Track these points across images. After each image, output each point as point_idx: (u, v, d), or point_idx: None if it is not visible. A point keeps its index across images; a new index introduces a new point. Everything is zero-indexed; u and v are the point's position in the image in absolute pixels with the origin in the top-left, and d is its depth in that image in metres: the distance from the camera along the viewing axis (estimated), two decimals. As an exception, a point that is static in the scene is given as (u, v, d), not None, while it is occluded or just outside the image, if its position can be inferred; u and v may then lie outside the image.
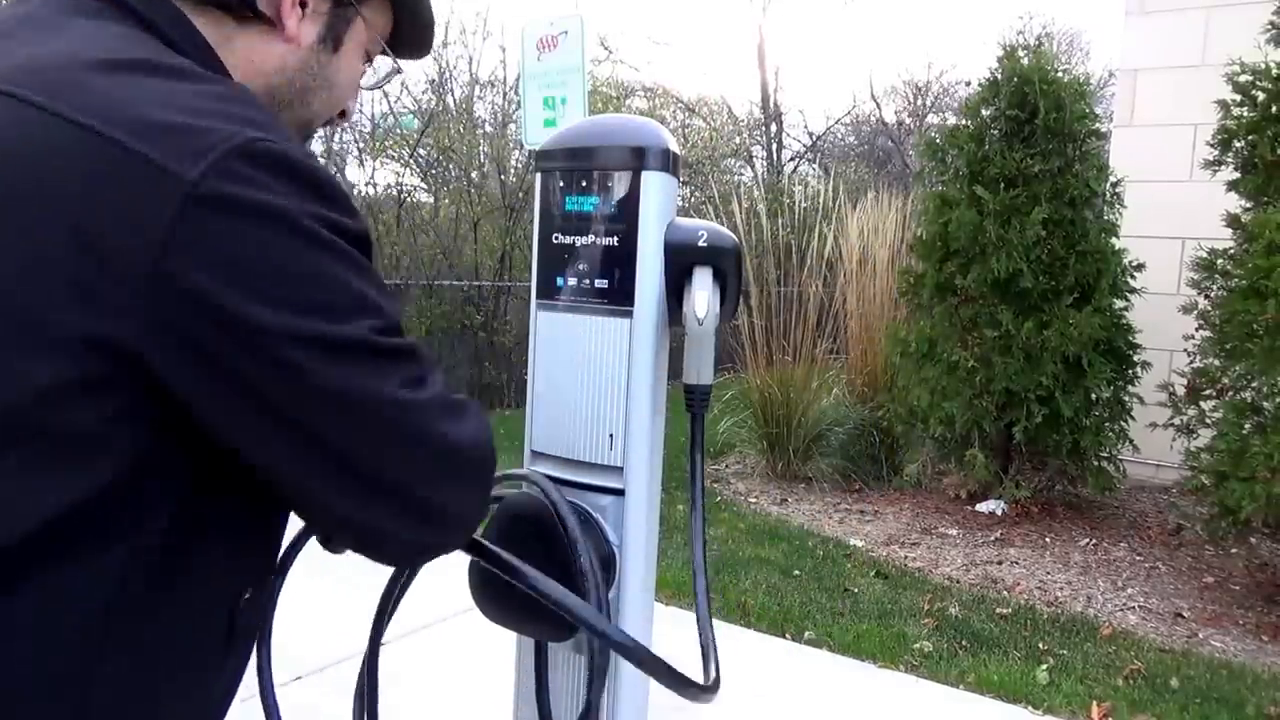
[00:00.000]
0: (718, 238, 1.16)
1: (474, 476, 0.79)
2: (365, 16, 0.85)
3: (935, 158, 4.99)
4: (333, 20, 0.83)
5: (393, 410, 0.69)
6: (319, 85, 0.84)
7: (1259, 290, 3.57)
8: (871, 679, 3.06)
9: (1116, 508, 5.04)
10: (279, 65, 0.81)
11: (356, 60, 0.87)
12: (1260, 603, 3.77)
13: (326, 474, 0.69)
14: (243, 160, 0.62)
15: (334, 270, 0.66)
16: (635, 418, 1.18)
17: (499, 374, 9.32)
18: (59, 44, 0.67)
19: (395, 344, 0.69)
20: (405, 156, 9.65)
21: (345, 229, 0.67)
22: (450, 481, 0.76)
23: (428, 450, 0.72)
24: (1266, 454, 3.43)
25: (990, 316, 4.59)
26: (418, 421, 0.71)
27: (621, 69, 12.80)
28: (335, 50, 0.84)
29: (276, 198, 0.63)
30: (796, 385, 5.50)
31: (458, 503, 0.78)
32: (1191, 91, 5.33)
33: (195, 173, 0.60)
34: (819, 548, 4.35)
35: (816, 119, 21.65)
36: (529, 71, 4.97)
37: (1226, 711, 2.86)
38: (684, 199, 10.44)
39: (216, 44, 0.76)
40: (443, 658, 2.98)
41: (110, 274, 0.59)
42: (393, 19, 0.89)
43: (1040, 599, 3.79)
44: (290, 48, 0.81)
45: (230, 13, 0.77)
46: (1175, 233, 5.48)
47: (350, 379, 0.66)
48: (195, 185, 0.60)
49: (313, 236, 0.64)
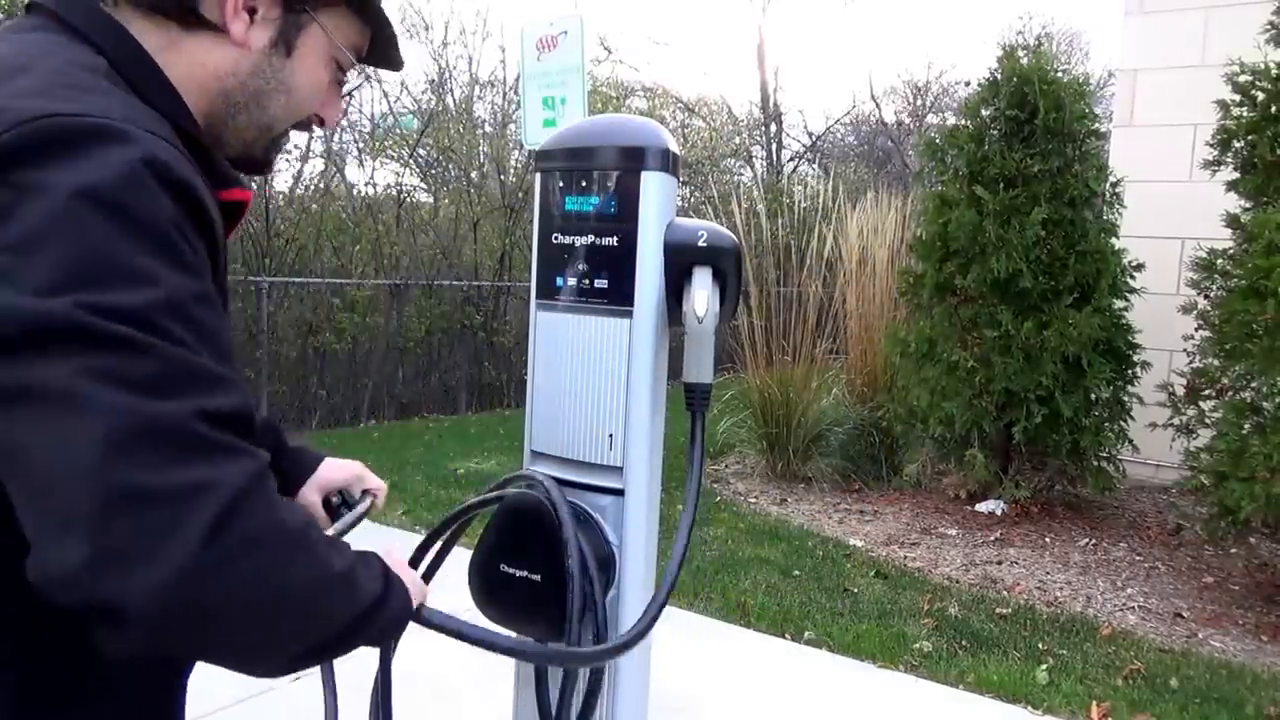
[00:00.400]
0: (717, 238, 1.16)
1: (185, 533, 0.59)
2: (323, 24, 0.87)
3: (935, 158, 4.99)
4: (284, 26, 0.85)
5: (56, 397, 0.59)
6: (274, 89, 0.86)
7: (1258, 290, 3.57)
8: (871, 679, 3.06)
9: (1116, 508, 5.04)
10: (230, 69, 0.83)
11: (318, 67, 0.89)
12: (1260, 603, 3.77)
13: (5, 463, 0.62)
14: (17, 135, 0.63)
15: (56, 236, 0.61)
16: (635, 418, 1.18)
17: (499, 374, 9.32)
18: None
19: (109, 328, 0.60)
20: (405, 156, 9.65)
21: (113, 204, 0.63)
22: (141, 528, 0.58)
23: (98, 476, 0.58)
24: (1266, 454, 3.43)
25: (990, 316, 4.59)
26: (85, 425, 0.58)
27: (621, 69, 12.83)
28: (289, 55, 0.86)
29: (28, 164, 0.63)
30: (796, 385, 5.50)
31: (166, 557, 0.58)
32: (1191, 91, 5.33)
33: None
34: (819, 548, 4.35)
35: (816, 119, 21.67)
36: (529, 71, 4.97)
37: (1226, 711, 2.86)
38: (683, 199, 10.44)
39: (161, 49, 0.79)
40: (443, 658, 2.98)
41: None
42: (364, 29, 0.91)
43: (1040, 599, 3.79)
44: (241, 52, 0.83)
45: (175, 20, 0.80)
46: (1175, 233, 5.48)
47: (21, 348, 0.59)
48: None
49: (47, 201, 0.61)
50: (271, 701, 2.63)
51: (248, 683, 0.86)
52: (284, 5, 0.84)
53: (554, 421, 1.23)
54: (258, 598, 0.63)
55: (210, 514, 0.60)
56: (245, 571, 0.62)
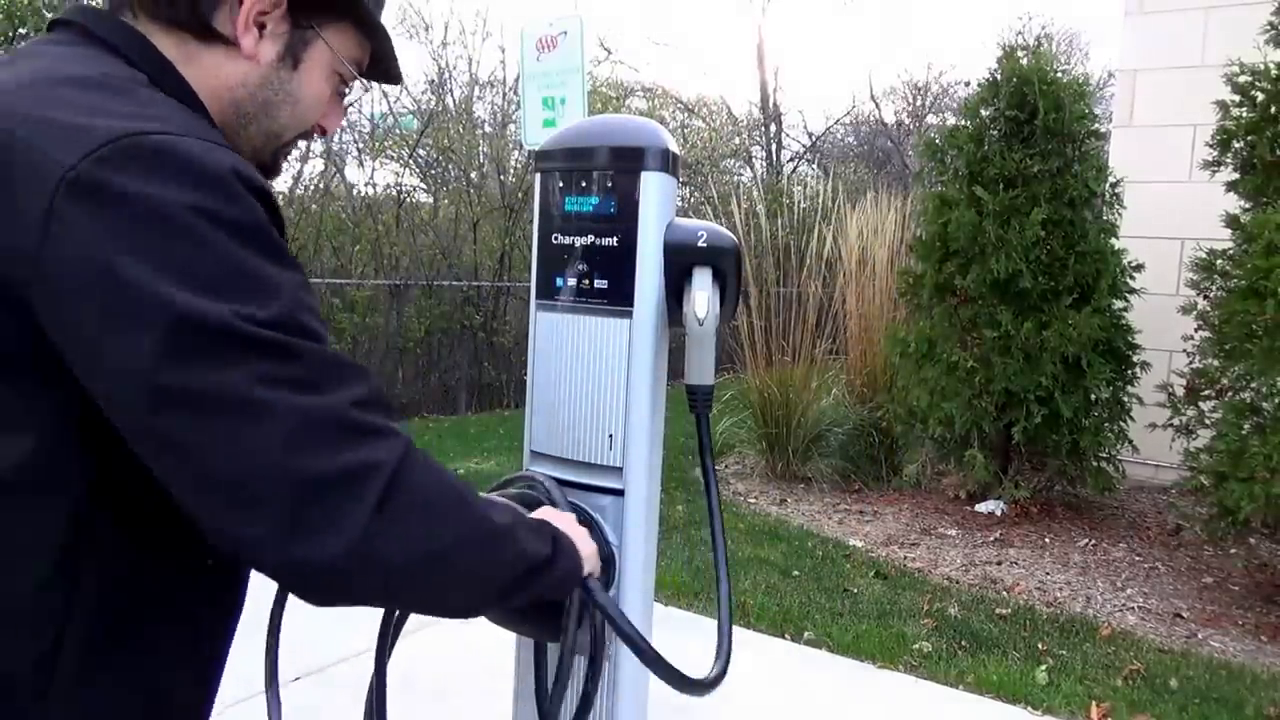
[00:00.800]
0: (717, 238, 1.16)
1: (358, 508, 0.68)
2: (326, 39, 0.92)
3: (935, 158, 4.99)
4: (292, 41, 0.90)
5: (237, 405, 0.66)
6: (282, 99, 0.91)
7: (1258, 291, 3.57)
8: (871, 679, 3.06)
9: (1116, 508, 5.04)
10: (241, 80, 0.88)
11: (322, 79, 0.93)
12: (1259, 603, 3.77)
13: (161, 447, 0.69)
14: (120, 151, 0.68)
15: (197, 254, 0.68)
16: (635, 418, 1.18)
17: (498, 374, 9.32)
18: (28, 67, 0.78)
19: (268, 336, 0.68)
20: (405, 157, 9.65)
21: (227, 218, 0.70)
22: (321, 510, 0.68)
23: (278, 470, 0.67)
24: (1265, 454, 3.43)
25: (989, 317, 4.59)
26: (266, 429, 0.67)
27: (621, 69, 12.83)
28: (295, 68, 0.91)
29: (140, 184, 0.67)
30: (796, 386, 5.50)
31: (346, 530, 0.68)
32: (1191, 92, 5.33)
33: (72, 160, 0.67)
34: (818, 548, 4.35)
35: (816, 119, 21.67)
36: (528, 72, 4.97)
37: (1225, 712, 2.86)
38: (683, 199, 10.44)
39: (180, 61, 0.85)
40: (443, 658, 2.98)
41: (11, 252, 0.67)
42: (364, 43, 0.96)
43: (1039, 599, 3.79)
44: (251, 65, 0.88)
45: (192, 33, 0.85)
46: (1174, 233, 5.48)
47: (191, 362, 0.66)
48: (68, 171, 0.67)
49: (173, 220, 0.68)
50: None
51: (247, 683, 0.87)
52: (291, 21, 0.89)
53: (554, 422, 1.23)
54: (426, 552, 0.73)
55: (378, 487, 0.70)
56: (413, 531, 0.72)
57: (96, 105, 0.72)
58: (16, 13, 5.50)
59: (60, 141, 0.68)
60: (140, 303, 0.66)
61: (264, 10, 0.86)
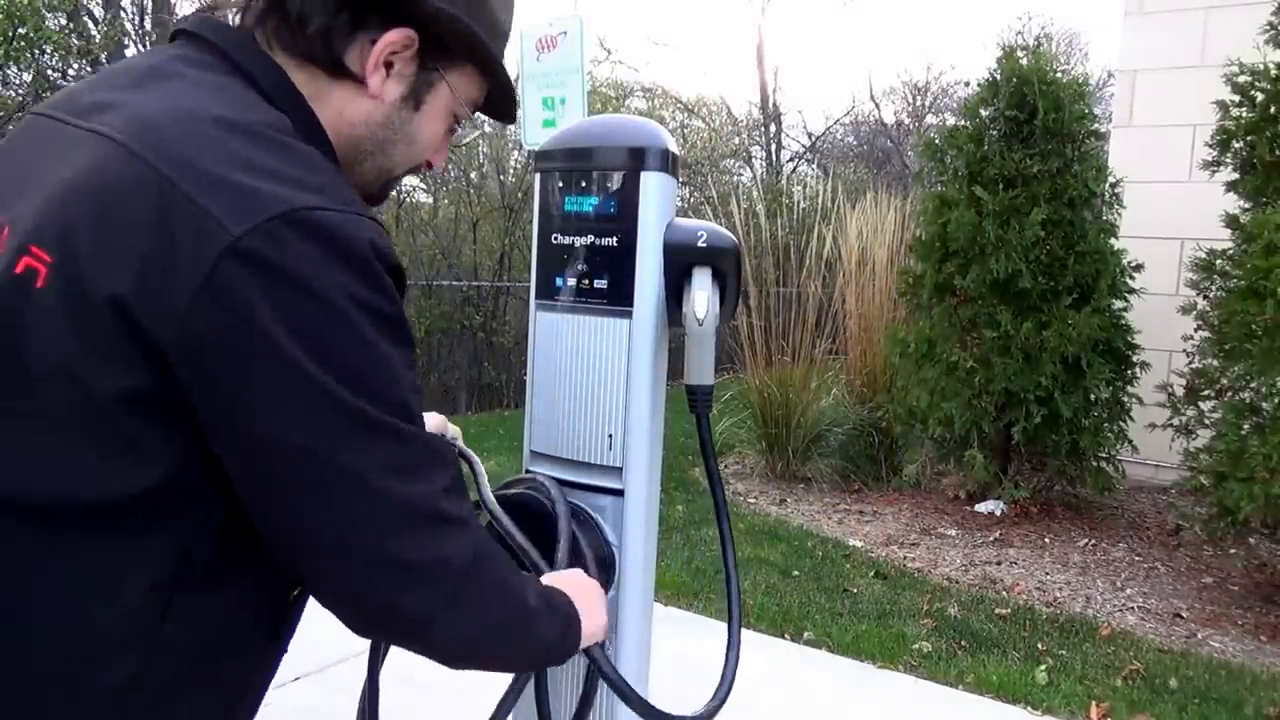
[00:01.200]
0: (717, 238, 1.16)
1: (431, 594, 0.78)
2: (449, 81, 0.92)
3: (934, 158, 4.99)
4: (416, 83, 0.89)
5: (354, 486, 0.73)
6: (399, 139, 0.91)
7: (1257, 291, 3.57)
8: (871, 679, 3.06)
9: (1115, 508, 5.04)
10: (364, 119, 0.88)
11: (439, 120, 0.94)
12: (1259, 603, 3.77)
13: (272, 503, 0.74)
14: (288, 225, 0.70)
15: (352, 340, 0.72)
16: (635, 418, 1.18)
17: (498, 374, 9.32)
18: (170, 94, 0.78)
19: (395, 425, 0.74)
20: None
21: (372, 306, 0.73)
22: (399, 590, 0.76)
23: (374, 551, 0.75)
24: (1265, 454, 3.43)
25: (989, 317, 4.59)
26: (374, 511, 0.74)
27: (621, 69, 12.82)
28: (417, 109, 0.91)
29: (308, 265, 0.70)
30: (795, 386, 5.50)
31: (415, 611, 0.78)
32: (1190, 92, 5.33)
33: (240, 230, 0.69)
34: (818, 548, 4.35)
35: (815, 119, 21.68)
36: (528, 72, 4.97)
37: (1225, 712, 2.86)
38: (683, 200, 10.44)
39: (311, 96, 0.85)
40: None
41: (152, 299, 0.69)
42: (484, 85, 0.96)
43: (1039, 599, 3.79)
44: (375, 104, 0.88)
45: (323, 69, 0.85)
46: (1174, 233, 5.48)
47: (323, 439, 0.71)
48: (237, 240, 0.69)
49: (334, 305, 0.71)
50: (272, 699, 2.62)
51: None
52: (418, 63, 0.89)
53: (553, 422, 1.23)
54: (477, 636, 0.83)
55: (451, 580, 0.78)
56: (472, 618, 0.81)
57: (259, 164, 0.73)
58: (16, 13, 5.49)
59: (228, 206, 0.70)
60: (288, 379, 0.70)
61: (395, 51, 0.86)
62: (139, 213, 0.70)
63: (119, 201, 0.71)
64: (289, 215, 0.70)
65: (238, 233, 0.69)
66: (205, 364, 0.70)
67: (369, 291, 0.73)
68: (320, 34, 0.83)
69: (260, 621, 0.86)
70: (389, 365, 0.75)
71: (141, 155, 0.72)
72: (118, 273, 0.69)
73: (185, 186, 0.70)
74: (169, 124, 0.74)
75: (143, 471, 0.72)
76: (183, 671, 0.78)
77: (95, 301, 0.69)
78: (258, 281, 0.69)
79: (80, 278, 0.70)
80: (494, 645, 0.86)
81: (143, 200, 0.70)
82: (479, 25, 0.90)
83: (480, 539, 0.82)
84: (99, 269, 0.70)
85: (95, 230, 0.71)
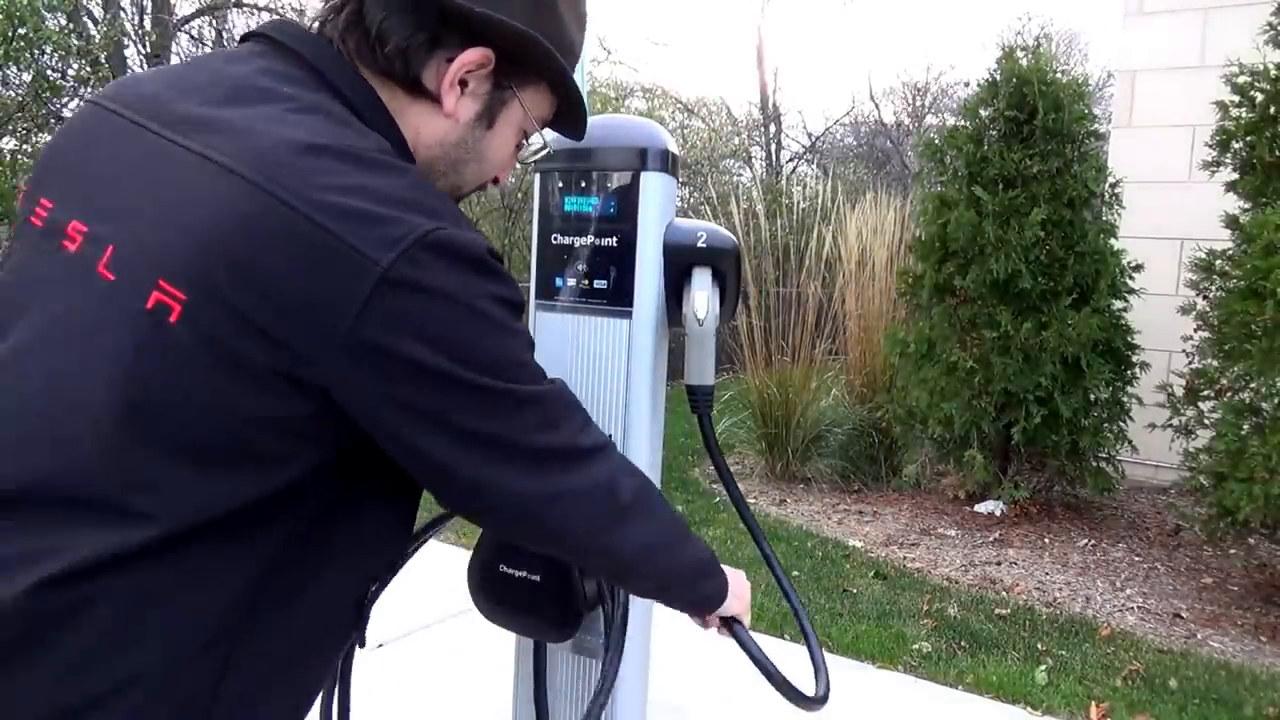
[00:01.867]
0: (717, 238, 1.16)
1: (585, 513, 0.88)
2: (521, 99, 0.92)
3: (934, 158, 4.99)
4: (490, 101, 0.90)
5: (525, 449, 0.83)
6: (471, 158, 0.92)
7: (1257, 291, 3.57)
8: (870, 679, 3.06)
9: (1115, 508, 5.04)
10: (440, 138, 0.89)
11: (510, 137, 0.94)
12: (1258, 603, 3.77)
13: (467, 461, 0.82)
14: (425, 249, 0.74)
15: (493, 336, 0.79)
16: (635, 418, 1.18)
17: (498, 374, 9.32)
18: (281, 124, 0.77)
19: (534, 391, 0.83)
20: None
21: (505, 299, 0.80)
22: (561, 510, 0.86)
23: (541, 487, 0.85)
24: (1265, 455, 3.43)
25: (989, 317, 4.59)
26: (543, 462, 0.84)
27: (620, 69, 12.82)
28: (490, 128, 0.91)
29: (450, 280, 0.76)
30: (795, 386, 5.50)
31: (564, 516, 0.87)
32: (1190, 92, 5.33)
33: (387, 260, 0.72)
34: (818, 548, 4.35)
35: (815, 120, 21.69)
36: (528, 72, 4.96)
37: (1225, 712, 2.86)
38: (682, 200, 10.44)
39: (395, 114, 0.86)
40: (442, 658, 2.98)
41: (305, 331, 0.72)
42: (554, 102, 0.96)
43: (1039, 599, 3.79)
44: (450, 123, 0.88)
45: (402, 86, 0.86)
46: (1174, 233, 5.49)
47: (497, 423, 0.81)
48: (387, 270, 0.72)
49: (476, 310, 0.78)
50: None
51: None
52: (493, 82, 0.89)
53: (553, 422, 1.23)
54: (644, 545, 0.94)
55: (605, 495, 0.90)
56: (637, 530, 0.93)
57: (384, 192, 0.75)
58: (16, 13, 5.49)
59: (369, 237, 0.72)
60: (447, 389, 0.77)
61: (471, 70, 0.86)
62: (279, 252, 0.72)
63: (255, 241, 0.72)
64: (423, 240, 0.74)
65: (386, 263, 0.72)
66: (366, 387, 0.75)
67: (499, 286, 0.79)
68: (399, 52, 0.83)
69: (337, 625, 0.87)
70: (521, 341, 0.83)
71: (270, 190, 0.72)
72: (265, 313, 0.71)
73: (322, 220, 0.72)
74: (288, 156, 0.74)
75: (258, 486, 0.75)
76: (261, 678, 0.79)
77: (245, 340, 0.72)
78: (411, 304, 0.74)
79: (224, 317, 0.72)
80: (659, 554, 0.96)
81: (280, 238, 0.72)
82: (555, 44, 0.89)
83: (620, 458, 0.93)
84: (246, 307, 0.71)
85: (234, 271, 0.72)
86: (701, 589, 1.07)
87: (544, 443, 0.84)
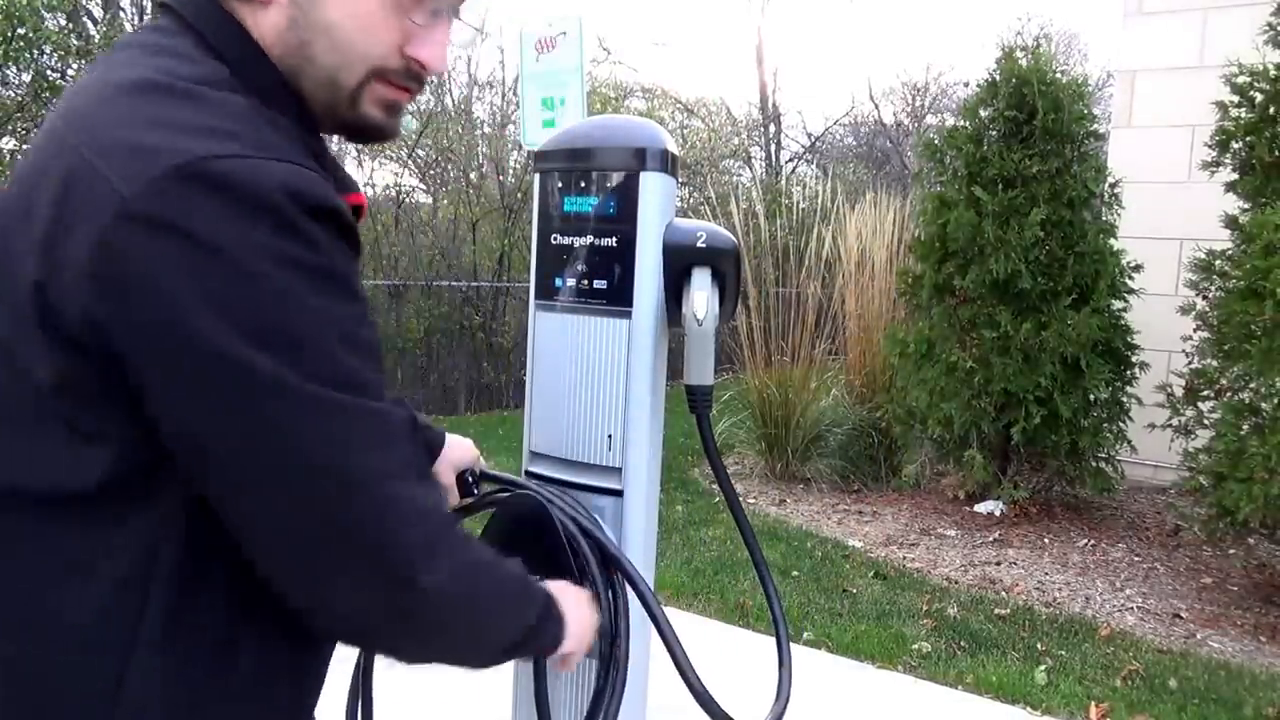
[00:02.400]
0: (716, 238, 1.16)
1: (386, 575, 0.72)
2: None
3: (934, 159, 4.99)
4: None
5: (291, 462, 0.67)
6: (312, 35, 0.76)
7: (1257, 291, 3.57)
8: (870, 679, 3.06)
9: (1115, 508, 5.04)
10: (277, 33, 0.77)
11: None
12: (1258, 603, 3.77)
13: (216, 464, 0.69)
14: (181, 180, 0.63)
15: (261, 302, 0.64)
16: (634, 419, 1.18)
17: (497, 375, 9.31)
18: (108, 72, 0.73)
19: (309, 391, 0.66)
20: (404, 157, 9.64)
21: (289, 257, 0.65)
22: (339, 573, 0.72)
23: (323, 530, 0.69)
24: (1264, 455, 3.43)
25: (989, 317, 4.59)
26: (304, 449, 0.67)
27: (620, 70, 12.79)
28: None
29: (209, 222, 0.63)
30: (795, 386, 5.50)
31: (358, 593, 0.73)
32: (1189, 93, 5.33)
33: (129, 191, 0.63)
34: (817, 548, 4.35)
35: (815, 120, 21.68)
36: (528, 72, 4.97)
37: (1224, 712, 2.86)
38: (682, 200, 10.44)
39: (252, 30, 0.77)
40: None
41: (60, 280, 0.65)
42: None
43: (1039, 600, 3.79)
44: (275, 7, 0.76)
45: (246, 1, 0.77)
46: (1173, 234, 5.48)
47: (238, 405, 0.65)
48: (126, 202, 0.63)
49: (240, 264, 0.63)
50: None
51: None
52: None
53: (553, 422, 1.23)
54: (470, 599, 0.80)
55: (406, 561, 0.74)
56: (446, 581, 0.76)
57: (165, 119, 0.67)
58: (16, 13, 5.49)
59: (120, 167, 0.64)
60: (200, 357, 0.63)
61: None
62: (50, 191, 0.67)
63: (40, 183, 0.68)
64: (185, 169, 0.63)
65: (127, 194, 0.62)
66: (111, 345, 0.65)
67: (286, 242, 0.65)
68: None
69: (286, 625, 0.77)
70: (318, 322, 0.66)
71: (62, 133, 0.69)
72: (32, 255, 0.66)
73: (86, 154, 0.66)
74: (90, 99, 0.70)
75: (90, 461, 0.68)
76: (192, 677, 0.73)
77: (21, 286, 0.66)
78: (156, 248, 0.62)
79: (9, 266, 0.68)
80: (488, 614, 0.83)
81: (55, 178, 0.67)
82: None
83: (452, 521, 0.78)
84: (21, 252, 0.67)
85: (22, 218, 0.68)
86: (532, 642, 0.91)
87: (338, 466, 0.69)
